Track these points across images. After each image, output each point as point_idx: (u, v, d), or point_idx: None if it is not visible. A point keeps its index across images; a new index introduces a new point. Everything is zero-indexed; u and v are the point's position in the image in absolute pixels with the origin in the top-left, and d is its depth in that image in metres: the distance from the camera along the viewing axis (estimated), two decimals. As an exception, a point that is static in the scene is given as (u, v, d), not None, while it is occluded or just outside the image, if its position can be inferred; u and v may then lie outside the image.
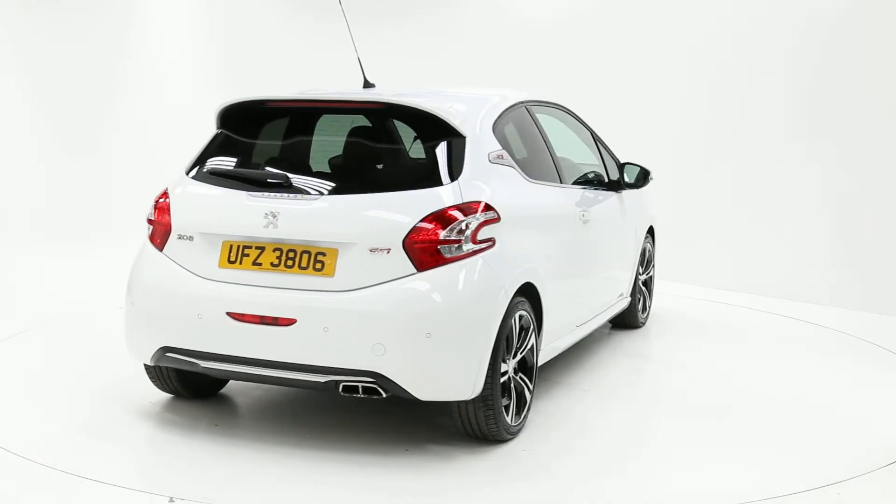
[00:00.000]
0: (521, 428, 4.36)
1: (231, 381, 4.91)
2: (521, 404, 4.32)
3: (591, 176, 5.65)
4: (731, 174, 8.33)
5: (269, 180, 4.16)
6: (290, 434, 4.32)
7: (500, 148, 4.39)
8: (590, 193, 5.41)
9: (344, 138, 4.46)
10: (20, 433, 4.30)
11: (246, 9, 11.42)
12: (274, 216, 3.99)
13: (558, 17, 9.73)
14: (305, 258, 3.94)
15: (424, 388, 3.85)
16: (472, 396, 3.92)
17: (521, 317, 4.22)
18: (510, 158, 4.46)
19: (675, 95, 8.79)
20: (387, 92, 4.65)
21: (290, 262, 3.96)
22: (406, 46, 10.71)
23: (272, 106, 4.48)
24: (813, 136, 7.92)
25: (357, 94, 4.56)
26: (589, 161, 5.84)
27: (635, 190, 6.00)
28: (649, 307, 6.73)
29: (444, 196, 3.93)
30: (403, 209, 3.90)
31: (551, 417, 4.63)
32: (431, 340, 3.78)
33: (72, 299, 7.12)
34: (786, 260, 7.99)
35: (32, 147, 10.96)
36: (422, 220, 3.85)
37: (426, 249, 3.83)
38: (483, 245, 3.97)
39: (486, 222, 3.99)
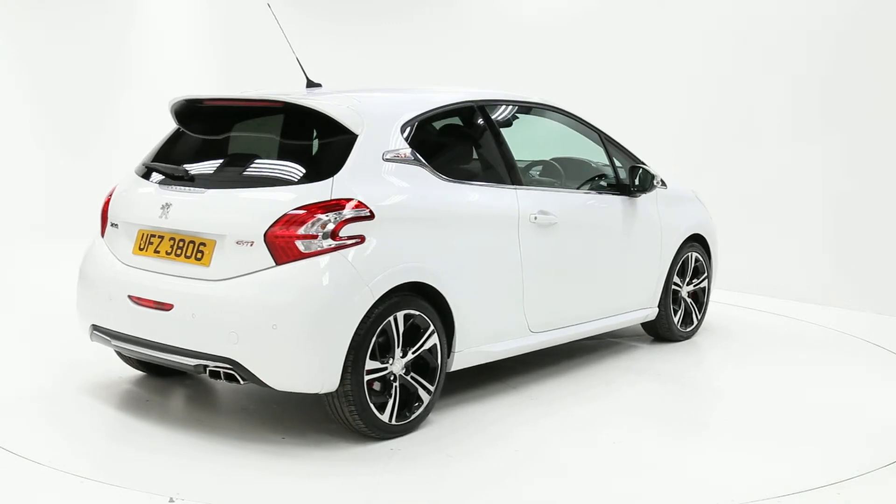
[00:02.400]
0: (413, 427, 4.34)
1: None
2: (413, 404, 4.32)
3: (600, 180, 5.59)
4: (731, 174, 8.32)
5: (173, 174, 4.46)
6: (292, 434, 4.32)
7: (406, 147, 4.41)
8: (568, 196, 5.27)
9: (247, 135, 4.66)
10: (20, 433, 4.30)
11: (246, 9, 11.42)
12: (167, 207, 4.31)
13: (559, 17, 9.72)
14: (191, 248, 4.20)
15: (274, 378, 3.99)
16: (326, 390, 4.01)
17: (408, 316, 4.23)
18: (419, 158, 4.44)
19: (675, 96, 8.79)
20: (295, 92, 4.71)
21: (178, 251, 4.24)
22: (406, 47, 10.71)
23: (197, 105, 4.70)
24: (813, 136, 7.91)
25: (261, 93, 4.61)
26: (604, 163, 5.73)
27: (670, 195, 5.89)
28: (698, 320, 6.31)
29: (311, 193, 4.05)
30: (271, 204, 4.05)
31: (469, 422, 4.55)
32: (278, 332, 3.90)
33: (72, 299, 7.10)
34: (786, 260, 7.99)
35: (32, 147, 10.97)
36: (283, 216, 3.99)
37: (284, 244, 3.97)
38: (346, 242, 4.02)
39: (352, 220, 4.04)
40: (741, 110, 8.36)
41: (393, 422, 4.23)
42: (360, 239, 4.07)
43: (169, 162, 4.58)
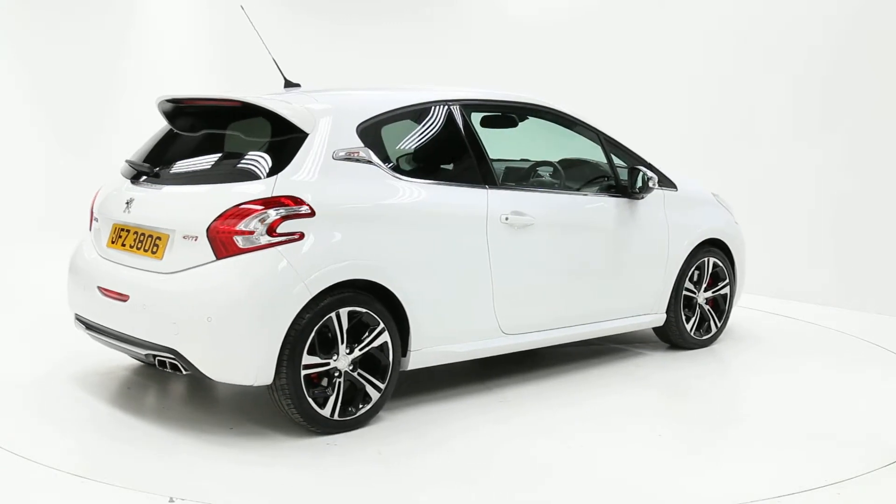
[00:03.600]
0: (360, 424, 4.36)
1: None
2: (361, 401, 4.35)
3: (600, 182, 5.52)
4: (731, 174, 8.32)
5: (141, 171, 4.68)
6: (292, 433, 4.32)
7: (360, 146, 4.43)
8: (552, 197, 5.18)
9: (209, 134, 4.71)
10: (20, 433, 4.30)
11: (246, 9, 11.41)
12: (130, 203, 4.55)
13: (559, 17, 9.73)
14: (149, 242, 4.37)
15: (211, 369, 4.12)
16: (260, 383, 4.09)
17: (354, 314, 4.27)
18: (373, 157, 4.46)
19: (676, 96, 8.79)
20: (260, 92, 4.75)
21: (139, 245, 4.43)
22: (406, 47, 10.72)
23: (174, 104, 4.84)
24: (814, 136, 7.91)
25: (221, 94, 4.68)
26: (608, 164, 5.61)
27: (682, 198, 5.78)
28: (717, 328, 6.12)
29: (253, 189, 4.15)
30: (215, 200, 4.17)
31: (421, 422, 4.52)
32: (212, 325, 4.02)
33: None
34: (786, 260, 7.99)
35: (32, 147, 10.96)
36: (225, 211, 4.11)
37: (224, 239, 4.09)
38: (284, 238, 4.09)
39: (290, 216, 4.11)
40: (742, 110, 8.36)
41: (335, 417, 4.27)
42: (299, 235, 4.14)
43: (146, 159, 4.76)
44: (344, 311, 4.25)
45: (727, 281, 6.15)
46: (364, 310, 4.31)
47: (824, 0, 7.86)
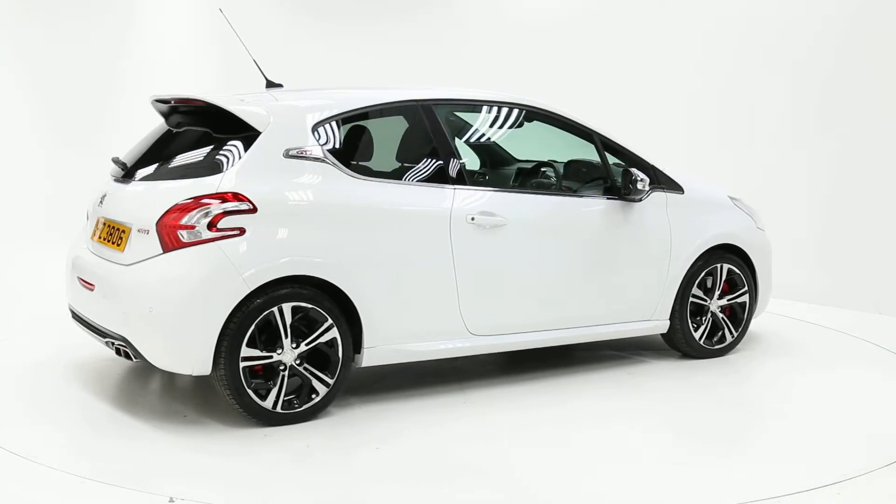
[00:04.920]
0: (307, 417, 4.44)
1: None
2: (307, 395, 4.44)
3: (596, 184, 5.42)
4: (732, 174, 8.32)
5: (117, 167, 4.85)
6: (294, 433, 4.32)
7: (314, 145, 4.51)
8: (531, 199, 5.10)
9: (181, 132, 4.84)
10: (20, 433, 4.31)
11: (246, 9, 11.42)
12: (103, 198, 4.78)
13: (559, 17, 9.72)
14: (116, 234, 4.54)
15: (154, 357, 4.30)
16: (198, 373, 4.24)
17: (299, 309, 4.35)
18: (327, 156, 4.52)
19: (676, 96, 8.79)
20: (226, 93, 4.86)
21: (109, 238, 4.60)
22: (406, 47, 10.71)
23: (161, 103, 4.99)
24: (815, 135, 7.91)
25: (187, 94, 4.80)
26: (616, 165, 5.49)
27: (689, 201, 5.57)
28: (733, 337, 5.85)
29: (201, 186, 4.30)
30: (165, 196, 4.33)
31: (364, 420, 4.55)
32: (153, 315, 4.20)
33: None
34: (785, 260, 7.98)
35: (32, 147, 10.96)
36: (172, 206, 4.26)
37: (169, 233, 4.24)
38: (225, 234, 4.22)
39: (232, 212, 4.23)
40: (741, 110, 8.36)
41: (278, 409, 4.36)
42: (240, 231, 4.25)
43: (126, 157, 4.91)
44: (287, 307, 4.33)
45: (745, 288, 5.87)
46: (310, 305, 4.38)
47: (824, 0, 7.86)
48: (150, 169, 4.67)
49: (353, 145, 4.79)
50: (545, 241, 5.10)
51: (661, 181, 5.55)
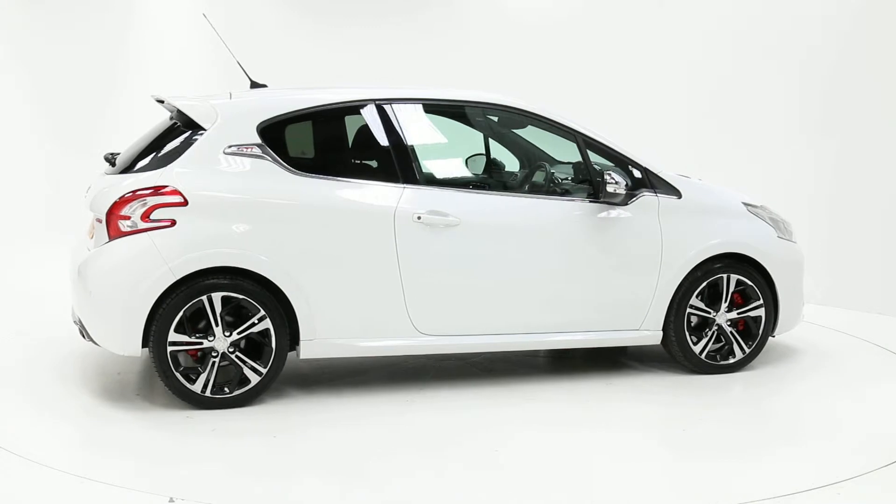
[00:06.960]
0: (240, 403, 4.62)
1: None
2: (239, 382, 4.66)
3: (580, 184, 5.22)
4: (731, 174, 8.32)
5: (108, 162, 5.14)
6: (293, 433, 4.32)
7: (255, 142, 4.71)
8: (493, 199, 5.02)
9: (156, 130, 5.11)
10: (20, 433, 4.31)
11: (246, 9, 11.42)
12: (88, 190, 5.05)
13: (559, 17, 9.72)
14: (94, 225, 4.81)
15: (96, 337, 4.68)
16: (128, 354, 4.58)
17: (230, 299, 4.58)
18: (267, 153, 4.71)
19: (677, 96, 8.78)
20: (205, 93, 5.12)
21: (91, 227, 4.87)
22: (407, 47, 10.70)
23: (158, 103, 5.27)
24: (815, 135, 7.91)
25: (158, 95, 5.18)
26: (607, 166, 5.25)
27: (687, 207, 5.26)
28: (744, 353, 5.45)
29: (144, 179, 4.62)
30: (115, 189, 4.64)
31: (288, 411, 4.67)
32: (91, 298, 4.61)
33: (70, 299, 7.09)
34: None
35: (32, 147, 10.95)
36: (118, 199, 4.58)
37: (112, 223, 4.58)
38: (156, 224, 4.53)
39: (162, 205, 4.53)
40: (741, 111, 8.36)
41: (207, 394, 4.61)
42: (171, 222, 4.54)
43: (122, 152, 5.13)
44: (217, 296, 4.57)
45: (759, 301, 5.47)
46: (241, 296, 4.59)
47: (824, 0, 7.85)
48: (121, 164, 4.96)
49: (299, 144, 4.95)
50: (506, 243, 4.99)
51: (654, 184, 5.26)
